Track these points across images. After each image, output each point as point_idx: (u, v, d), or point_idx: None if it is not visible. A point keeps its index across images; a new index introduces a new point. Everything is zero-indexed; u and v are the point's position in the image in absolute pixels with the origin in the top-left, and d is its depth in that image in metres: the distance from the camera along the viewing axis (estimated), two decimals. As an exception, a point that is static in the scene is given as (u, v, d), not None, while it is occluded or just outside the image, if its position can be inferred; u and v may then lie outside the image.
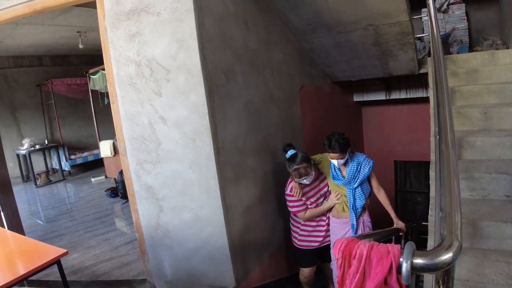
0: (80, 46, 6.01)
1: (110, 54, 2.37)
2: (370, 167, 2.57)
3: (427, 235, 2.11)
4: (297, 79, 3.68)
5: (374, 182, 2.64)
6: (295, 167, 2.54)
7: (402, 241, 2.63)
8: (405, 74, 4.18)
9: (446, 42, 4.75)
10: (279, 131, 3.22)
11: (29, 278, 2.85)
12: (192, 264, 2.50)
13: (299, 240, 2.85)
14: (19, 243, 2.22)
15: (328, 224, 2.78)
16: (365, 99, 5.71)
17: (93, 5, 2.39)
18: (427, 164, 2.61)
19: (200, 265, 2.49)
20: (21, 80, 7.55)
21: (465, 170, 2.17)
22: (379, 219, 2.92)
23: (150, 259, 2.60)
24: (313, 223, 2.80)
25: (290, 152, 2.61)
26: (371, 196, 2.69)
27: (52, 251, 1.94)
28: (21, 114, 7.65)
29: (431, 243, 2.02)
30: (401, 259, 0.78)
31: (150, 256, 2.59)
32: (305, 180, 2.57)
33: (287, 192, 2.71)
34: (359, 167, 2.55)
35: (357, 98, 5.73)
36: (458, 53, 4.60)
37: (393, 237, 2.41)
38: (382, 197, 2.63)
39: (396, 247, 0.79)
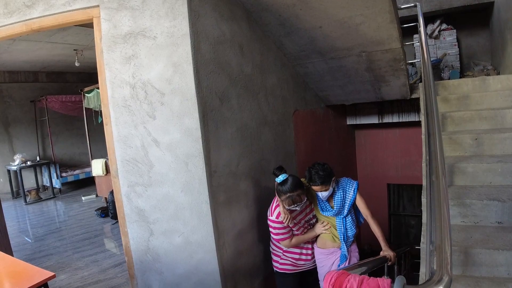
0: (77, 64, 6.06)
1: (106, 76, 2.38)
2: (354, 188, 2.44)
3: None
4: (291, 103, 3.72)
5: (363, 208, 2.46)
6: (288, 194, 2.35)
7: (396, 267, 2.59)
8: (398, 98, 4.25)
9: (438, 67, 4.87)
10: (273, 154, 3.23)
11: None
12: (181, 290, 2.45)
13: (281, 263, 2.66)
14: (8, 265, 2.16)
15: (313, 253, 2.65)
16: (358, 123, 5.78)
17: (90, 25, 2.42)
18: (420, 187, 2.58)
19: (189, 291, 2.45)
20: (16, 95, 7.55)
21: (456, 197, 2.18)
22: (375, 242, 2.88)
23: (139, 284, 2.54)
24: (297, 251, 2.63)
25: (282, 177, 2.40)
26: (361, 223, 2.59)
27: (40, 274, 1.89)
28: (14, 129, 7.62)
29: (423, 271, 2.01)
30: None
31: (139, 280, 2.54)
32: (297, 207, 2.41)
33: (272, 218, 2.49)
34: (345, 193, 2.44)
35: (350, 121, 5.80)
36: (449, 78, 4.71)
37: (386, 264, 2.35)
38: (372, 223, 2.44)
39: (387, 282, 0.79)
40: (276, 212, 2.46)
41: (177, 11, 2.19)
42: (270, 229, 2.53)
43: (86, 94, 6.26)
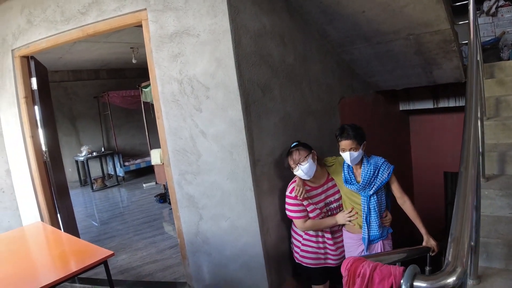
0: (134, 61, 6.46)
1: (156, 74, 2.57)
2: (390, 172, 2.27)
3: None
4: (336, 91, 3.70)
5: (397, 191, 2.30)
6: (288, 150, 2.42)
7: (443, 258, 2.51)
8: (452, 82, 4.03)
9: (496, 47, 4.51)
10: (318, 143, 3.24)
11: (80, 276, 3.15)
12: (229, 270, 2.62)
13: (301, 256, 2.54)
14: (72, 244, 2.47)
15: (336, 243, 2.49)
16: (411, 108, 5.54)
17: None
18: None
19: (236, 272, 2.60)
20: (80, 92, 8.24)
21: (506, 187, 2.08)
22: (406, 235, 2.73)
23: (190, 264, 2.75)
24: (320, 239, 2.48)
25: (294, 144, 2.48)
26: (390, 209, 2.42)
27: (100, 252, 2.15)
28: (80, 123, 8.35)
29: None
30: (401, 281, 0.82)
31: (190, 260, 2.75)
32: (300, 171, 2.33)
33: (287, 193, 2.45)
34: (376, 171, 2.27)
35: (403, 107, 5.58)
36: (509, 58, 4.35)
37: (429, 254, 2.24)
38: (408, 208, 2.27)
39: (399, 270, 0.83)
40: (291, 187, 2.43)
41: (217, 8, 2.29)
42: (285, 205, 2.48)
43: (143, 89, 6.67)
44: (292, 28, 2.95)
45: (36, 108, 3.28)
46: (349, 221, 2.37)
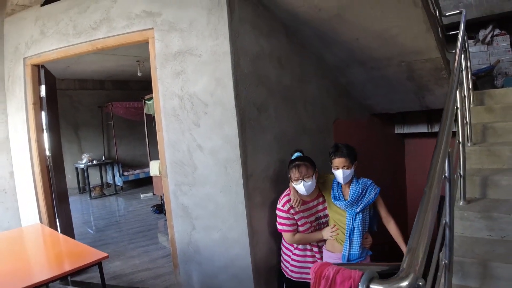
0: (139, 73, 6.64)
1: (159, 89, 2.72)
2: (376, 192, 2.37)
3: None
4: (331, 112, 3.84)
5: (383, 211, 2.41)
6: (296, 162, 2.40)
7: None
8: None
9: (490, 74, 4.68)
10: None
11: (74, 279, 3.25)
12: (218, 281, 2.70)
13: (291, 270, 2.55)
14: (69, 245, 2.58)
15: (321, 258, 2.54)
16: (406, 131, 5.69)
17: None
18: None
19: (226, 283, 2.69)
20: (84, 101, 8.41)
21: (486, 210, 2.18)
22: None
23: (181, 273, 2.84)
24: (308, 252, 2.53)
25: (297, 154, 2.53)
26: (374, 231, 2.51)
27: (95, 254, 2.26)
28: (82, 131, 8.49)
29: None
30: (359, 284, 0.92)
31: (181, 269, 2.84)
32: (301, 185, 2.37)
33: (279, 206, 2.49)
34: (364, 191, 2.36)
35: (398, 130, 5.72)
36: (503, 86, 4.51)
37: None
38: (392, 227, 2.38)
39: (358, 273, 0.94)
40: (284, 201, 2.47)
41: (219, 31, 2.46)
42: (277, 218, 2.52)
43: (147, 101, 6.84)
44: (290, 51, 3.11)
45: (43, 114, 3.43)
46: (331, 236, 2.43)
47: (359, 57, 3.37)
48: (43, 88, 3.37)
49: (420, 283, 0.98)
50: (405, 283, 0.90)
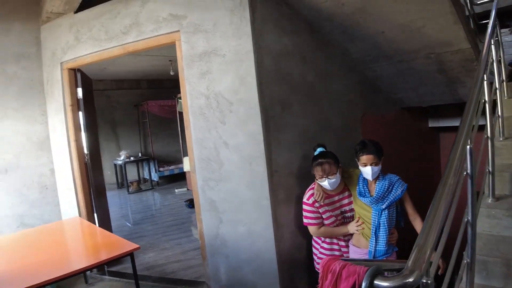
0: (171, 72, 6.85)
1: (186, 89, 2.84)
2: (403, 189, 2.34)
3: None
4: (359, 107, 3.80)
5: (409, 208, 2.39)
6: (320, 160, 2.40)
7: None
8: (478, 101, 4.01)
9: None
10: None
11: (110, 269, 3.46)
12: (244, 273, 2.80)
13: (317, 263, 2.57)
14: (104, 237, 2.78)
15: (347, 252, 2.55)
16: (441, 125, 5.49)
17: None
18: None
19: (250, 275, 2.78)
20: (121, 100, 8.79)
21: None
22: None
23: (209, 264, 2.96)
24: (335, 246, 2.56)
25: (319, 149, 2.53)
26: (401, 226, 2.48)
27: (128, 245, 2.42)
28: (120, 130, 8.89)
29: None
30: (363, 280, 0.95)
31: (209, 261, 2.96)
32: (326, 182, 2.39)
33: (304, 200, 2.53)
34: (390, 187, 2.34)
35: (432, 124, 5.53)
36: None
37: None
38: (418, 224, 2.36)
39: (363, 269, 0.97)
40: (308, 194, 2.50)
41: (242, 31, 2.53)
42: (303, 211, 2.55)
43: (179, 100, 7.05)
44: (313, 47, 3.12)
45: (80, 114, 3.66)
46: (357, 230, 2.44)
47: (386, 50, 3.32)
48: (79, 91, 3.60)
49: (427, 281, 1.00)
50: (408, 281, 0.91)
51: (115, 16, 3.05)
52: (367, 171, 2.34)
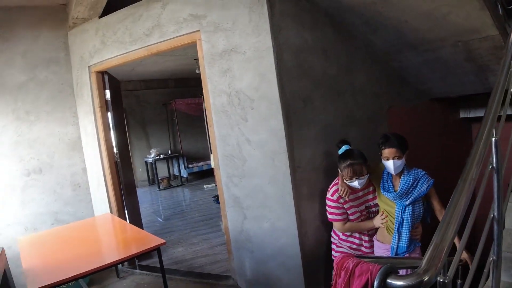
0: (197, 71, 6.95)
1: (208, 87, 2.89)
2: (429, 185, 2.26)
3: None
4: (384, 99, 3.70)
5: (436, 203, 2.30)
6: (350, 161, 2.33)
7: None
8: None
9: None
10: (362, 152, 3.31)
11: (141, 263, 3.60)
12: (268, 268, 2.83)
13: (336, 252, 2.59)
14: (134, 232, 2.89)
15: (371, 247, 2.52)
16: (472, 116, 5.27)
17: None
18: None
19: (275, 270, 2.80)
20: (150, 100, 9.03)
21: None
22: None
23: (235, 259, 3.02)
24: (356, 241, 2.53)
25: (345, 147, 2.46)
26: (428, 223, 2.40)
27: (155, 240, 2.51)
28: (149, 128, 9.15)
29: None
30: (376, 278, 0.94)
31: (235, 256, 3.01)
32: (356, 183, 2.33)
33: (328, 195, 2.49)
34: (415, 182, 2.27)
35: (463, 114, 5.31)
36: None
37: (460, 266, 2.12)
38: None
39: (376, 267, 0.96)
40: (332, 190, 2.47)
41: (261, 28, 2.54)
42: (326, 207, 2.51)
43: (205, 97, 7.15)
44: (335, 41, 3.08)
45: (109, 115, 3.81)
46: (382, 224, 2.39)
47: (410, 40, 3.22)
48: (108, 92, 3.75)
49: (444, 280, 0.98)
50: (422, 280, 0.89)
51: (137, 18, 3.14)
52: (390, 165, 2.28)
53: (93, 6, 3.38)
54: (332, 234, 2.67)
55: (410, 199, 2.27)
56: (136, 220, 3.98)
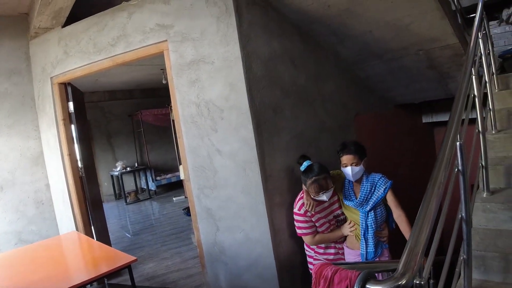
0: (164, 81, 6.84)
1: (176, 97, 2.83)
2: (386, 187, 2.27)
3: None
4: (352, 108, 3.79)
5: (392, 205, 2.29)
6: (314, 178, 2.30)
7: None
8: (470, 95, 4.03)
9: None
10: (332, 159, 3.33)
11: (110, 282, 3.44)
12: (244, 280, 2.78)
13: (313, 265, 2.49)
14: (102, 251, 2.76)
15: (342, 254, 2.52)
16: (435, 120, 5.50)
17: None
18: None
19: (251, 282, 2.76)
20: (115, 111, 8.76)
21: (510, 200, 2.10)
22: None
23: (209, 272, 2.94)
24: (332, 251, 2.51)
25: (306, 163, 2.42)
26: (392, 229, 2.43)
27: (125, 258, 2.42)
28: (115, 140, 8.86)
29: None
30: (355, 284, 0.95)
31: (208, 269, 2.94)
32: (324, 196, 2.32)
33: (295, 210, 2.45)
34: (373, 188, 2.30)
35: (426, 119, 5.55)
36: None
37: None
38: (401, 222, 2.24)
39: (355, 274, 0.96)
40: (299, 204, 2.43)
41: (229, 37, 2.53)
42: (294, 222, 2.48)
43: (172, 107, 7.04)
44: (304, 50, 3.12)
45: (73, 128, 3.64)
46: (350, 232, 2.41)
47: (375, 49, 3.33)
48: (71, 104, 3.59)
49: (420, 282, 0.99)
50: (400, 283, 0.90)
51: (102, 28, 3.05)
52: (348, 172, 2.32)
53: (56, 15, 3.24)
54: (306, 247, 2.64)
55: (370, 204, 2.31)
56: (103, 236, 3.81)
